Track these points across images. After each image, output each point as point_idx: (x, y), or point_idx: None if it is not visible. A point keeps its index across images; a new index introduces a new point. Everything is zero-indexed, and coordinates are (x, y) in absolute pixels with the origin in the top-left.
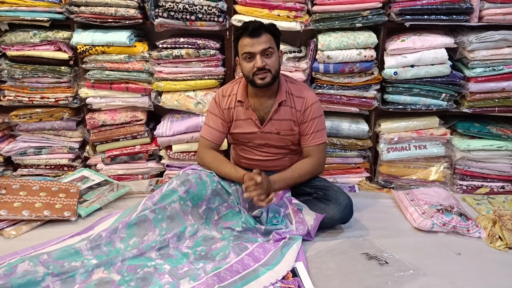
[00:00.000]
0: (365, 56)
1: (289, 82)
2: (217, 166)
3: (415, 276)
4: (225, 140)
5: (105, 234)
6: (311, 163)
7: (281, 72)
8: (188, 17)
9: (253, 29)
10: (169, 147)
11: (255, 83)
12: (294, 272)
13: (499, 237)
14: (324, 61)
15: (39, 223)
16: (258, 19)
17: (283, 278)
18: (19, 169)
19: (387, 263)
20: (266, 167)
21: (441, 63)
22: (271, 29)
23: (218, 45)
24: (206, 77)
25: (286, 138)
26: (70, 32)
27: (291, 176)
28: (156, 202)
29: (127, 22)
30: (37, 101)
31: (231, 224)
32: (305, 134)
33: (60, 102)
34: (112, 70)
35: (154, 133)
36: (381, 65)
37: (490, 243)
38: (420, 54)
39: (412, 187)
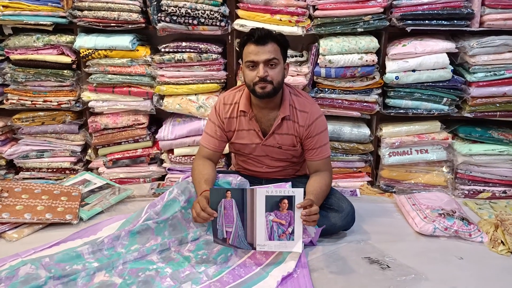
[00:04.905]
0: (366, 60)
1: (293, 95)
2: (192, 176)
3: (417, 281)
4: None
5: (107, 240)
6: (328, 176)
7: (285, 83)
8: (190, 21)
9: (259, 36)
10: (170, 151)
11: (255, 93)
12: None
13: (501, 241)
14: (325, 65)
15: (41, 226)
16: (259, 24)
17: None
18: (21, 172)
19: (389, 267)
20: (267, 177)
21: (443, 68)
22: (279, 39)
23: (220, 50)
24: (208, 81)
25: (288, 152)
26: (73, 36)
27: (323, 195)
28: (158, 212)
29: (129, 26)
30: (40, 104)
31: None
32: (310, 148)
33: (62, 105)
34: (114, 74)
35: (156, 136)
36: (382, 69)
37: (492, 247)
38: (421, 58)
39: (414, 191)
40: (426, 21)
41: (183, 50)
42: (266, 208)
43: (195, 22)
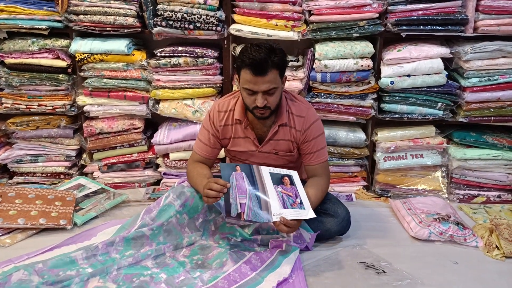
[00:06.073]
0: (362, 65)
1: (289, 100)
2: (190, 178)
3: (412, 285)
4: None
5: (101, 245)
6: (324, 182)
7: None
8: (186, 26)
9: (259, 67)
10: (166, 155)
11: (254, 115)
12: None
13: (496, 246)
14: (321, 70)
15: (34, 231)
16: (255, 29)
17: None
18: (15, 177)
19: (384, 272)
20: None
21: (437, 73)
22: (279, 64)
23: (216, 54)
24: (204, 86)
25: (284, 158)
26: (68, 40)
27: (316, 202)
28: (154, 218)
29: (125, 30)
30: (35, 108)
31: (229, 234)
32: (307, 153)
33: (57, 109)
34: (110, 78)
35: (152, 141)
36: (377, 74)
37: (487, 252)
38: (416, 64)
39: (409, 196)
40: (421, 27)
41: (179, 54)
42: (273, 182)
43: (191, 26)
